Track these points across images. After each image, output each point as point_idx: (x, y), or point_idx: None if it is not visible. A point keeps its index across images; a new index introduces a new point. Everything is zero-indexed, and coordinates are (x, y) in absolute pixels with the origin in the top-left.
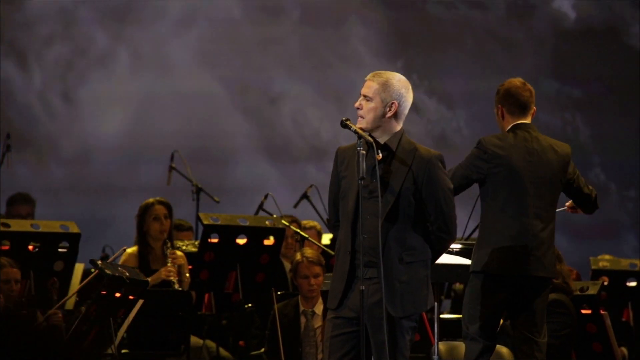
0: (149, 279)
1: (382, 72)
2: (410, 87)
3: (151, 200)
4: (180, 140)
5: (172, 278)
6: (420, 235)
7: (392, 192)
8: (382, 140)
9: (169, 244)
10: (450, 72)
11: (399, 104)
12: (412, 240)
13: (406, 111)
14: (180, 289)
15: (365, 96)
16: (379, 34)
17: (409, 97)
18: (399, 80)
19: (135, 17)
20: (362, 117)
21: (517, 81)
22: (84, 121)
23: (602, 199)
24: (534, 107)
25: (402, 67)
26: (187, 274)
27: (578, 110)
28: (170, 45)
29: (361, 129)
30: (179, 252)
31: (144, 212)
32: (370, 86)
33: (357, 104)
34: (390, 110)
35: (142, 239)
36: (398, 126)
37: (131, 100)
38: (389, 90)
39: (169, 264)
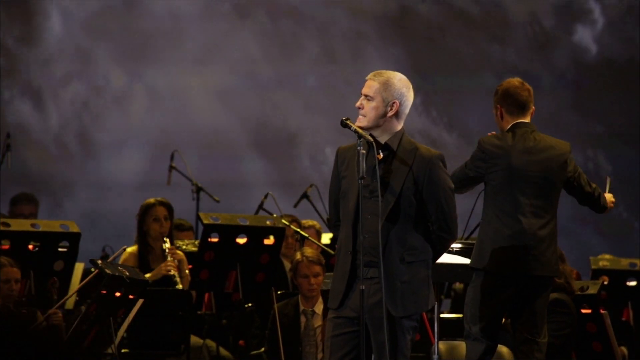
0: (149, 275)
1: (383, 71)
2: (411, 87)
3: (152, 200)
4: (197, 178)
5: (172, 272)
6: (421, 235)
7: (392, 192)
8: (382, 139)
9: (167, 241)
10: (470, 107)
11: (400, 103)
12: (413, 240)
13: (407, 110)
14: (180, 286)
15: (366, 96)
16: (398, 69)
17: (410, 97)
18: (400, 80)
19: (152, 55)
20: (363, 116)
21: (515, 81)
22: (100, 162)
23: (624, 237)
24: (533, 107)
25: (420, 103)
26: (187, 271)
27: (599, 146)
28: (187, 84)
29: (362, 128)
30: (177, 251)
31: (145, 212)
32: (371, 85)
33: (358, 104)
34: (391, 109)
35: (142, 239)
36: (399, 125)
37: (148, 140)
38: (390, 90)
39: (168, 259)
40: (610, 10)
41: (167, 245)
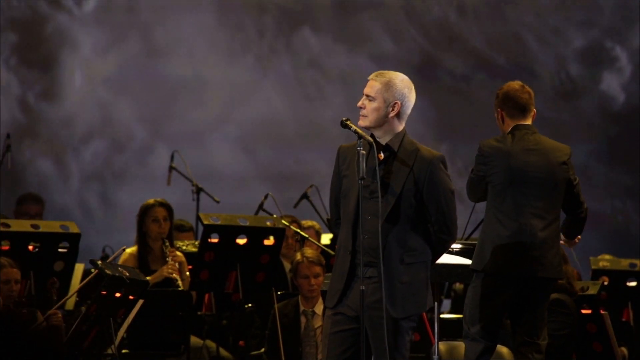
0: (150, 278)
1: (385, 71)
2: (413, 87)
3: (152, 201)
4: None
5: (174, 275)
6: (421, 237)
7: (393, 193)
8: (384, 140)
9: (167, 243)
10: None
11: (401, 104)
12: (413, 241)
13: (409, 111)
14: (182, 288)
15: (368, 96)
16: (423, 118)
17: (411, 97)
18: (402, 80)
19: (174, 111)
20: (365, 116)
21: (515, 84)
22: (123, 223)
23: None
24: (534, 109)
25: (446, 152)
26: (187, 273)
27: (629, 197)
28: (210, 140)
29: (363, 128)
30: (177, 252)
31: (144, 213)
32: (373, 86)
33: (359, 104)
34: (393, 110)
35: (142, 239)
36: (400, 126)
37: (171, 196)
38: (392, 90)
39: (169, 262)
40: (637, 57)
41: (168, 248)
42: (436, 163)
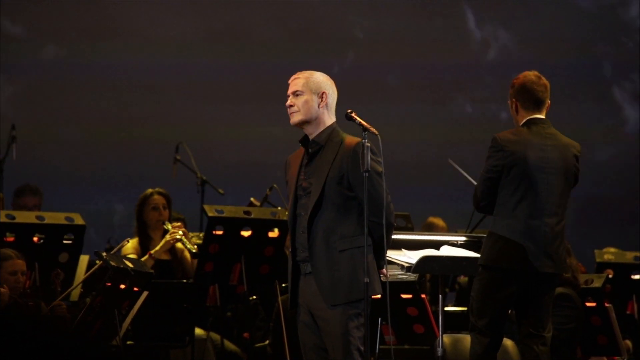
0: (158, 248)
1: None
2: (333, 82)
3: (150, 190)
4: None
5: (178, 236)
6: (354, 222)
7: (318, 185)
8: (315, 133)
9: (167, 223)
10: None
11: (328, 93)
12: (344, 228)
13: (334, 104)
14: (190, 245)
15: (294, 92)
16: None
17: (335, 90)
18: (321, 75)
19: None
20: (296, 111)
21: (532, 75)
22: None
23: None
24: (549, 102)
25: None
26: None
27: None
28: None
29: (297, 122)
30: (178, 224)
31: (143, 202)
32: (297, 82)
33: (288, 103)
34: (322, 100)
35: (142, 230)
36: (329, 120)
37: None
38: (316, 82)
39: (171, 229)
40: None
41: (168, 226)
42: (358, 148)
